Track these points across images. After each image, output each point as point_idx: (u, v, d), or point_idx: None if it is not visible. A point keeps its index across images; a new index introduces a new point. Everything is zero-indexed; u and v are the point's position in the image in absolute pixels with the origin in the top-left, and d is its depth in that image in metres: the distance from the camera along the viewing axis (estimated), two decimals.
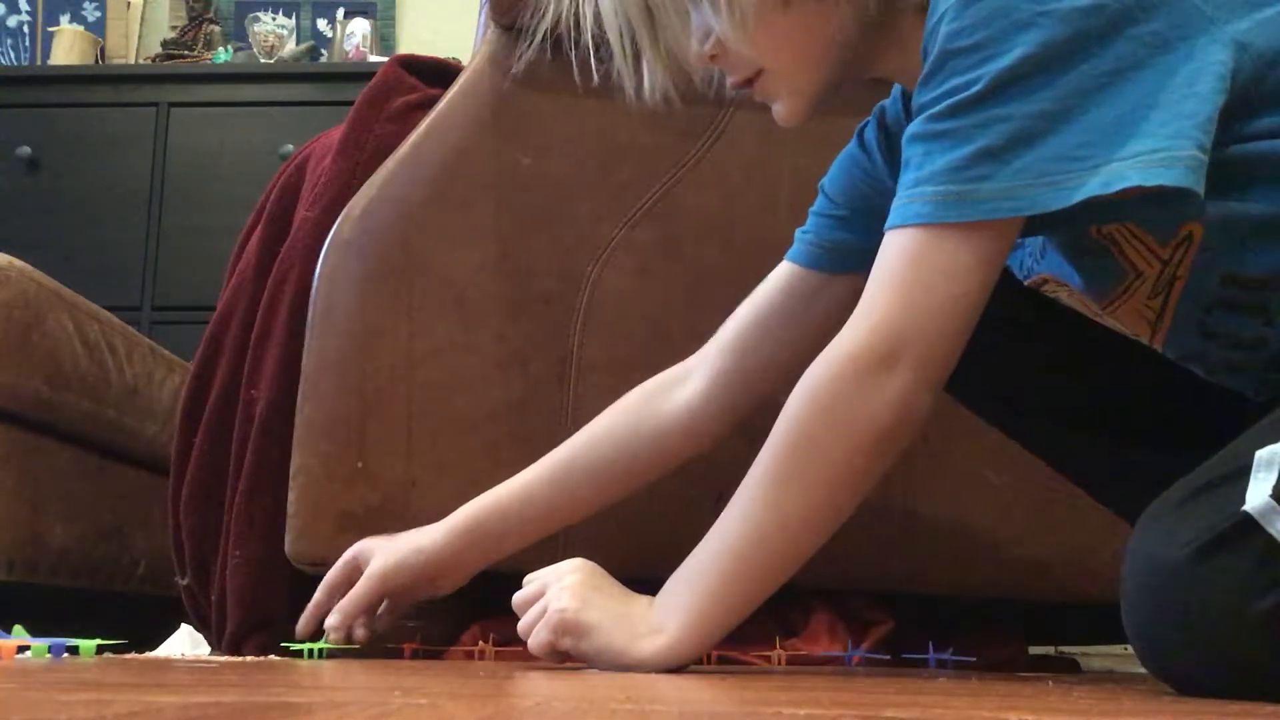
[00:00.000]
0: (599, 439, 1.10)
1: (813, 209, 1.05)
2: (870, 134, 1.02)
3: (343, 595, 1.09)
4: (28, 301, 1.58)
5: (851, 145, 1.04)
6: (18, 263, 1.60)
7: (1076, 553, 1.24)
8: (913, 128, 0.80)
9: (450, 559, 1.09)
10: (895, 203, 0.80)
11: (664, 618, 0.87)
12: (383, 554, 1.09)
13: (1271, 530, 0.68)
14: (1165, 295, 0.85)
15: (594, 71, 1.04)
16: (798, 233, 1.06)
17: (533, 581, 0.92)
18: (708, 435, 1.09)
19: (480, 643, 1.18)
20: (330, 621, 1.07)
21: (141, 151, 2.82)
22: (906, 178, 0.80)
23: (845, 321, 0.83)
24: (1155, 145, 0.73)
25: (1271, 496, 0.68)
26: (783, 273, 1.06)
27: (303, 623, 1.11)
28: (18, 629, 0.91)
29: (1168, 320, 0.87)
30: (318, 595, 1.11)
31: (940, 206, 0.77)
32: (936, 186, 0.77)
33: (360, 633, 1.08)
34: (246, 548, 1.26)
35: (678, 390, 1.09)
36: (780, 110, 0.92)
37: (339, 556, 1.20)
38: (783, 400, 0.85)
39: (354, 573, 1.10)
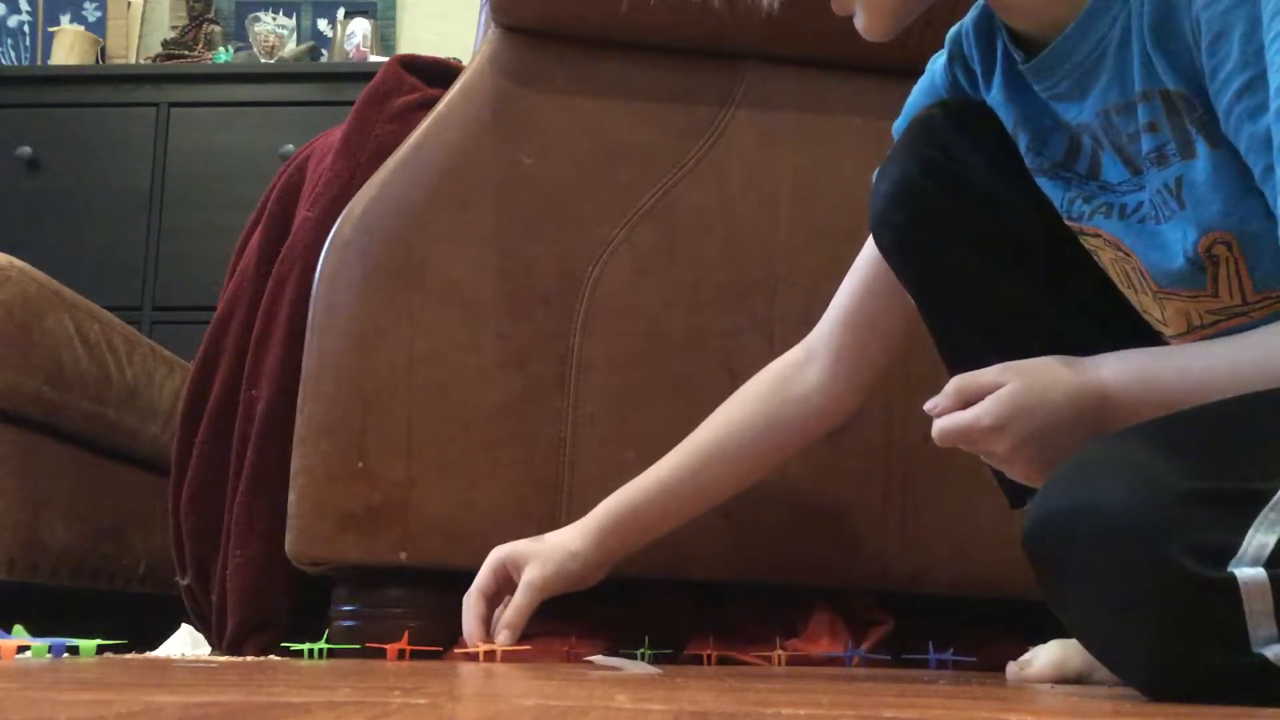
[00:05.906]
0: (738, 426, 1.11)
1: None
2: (942, 65, 0.98)
3: (493, 599, 1.11)
4: (28, 301, 1.58)
5: (921, 82, 1.00)
6: (18, 263, 1.60)
7: None
8: (1242, 106, 0.72)
9: (603, 557, 1.12)
10: None
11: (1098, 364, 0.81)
12: (539, 561, 1.10)
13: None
14: (1223, 320, 0.83)
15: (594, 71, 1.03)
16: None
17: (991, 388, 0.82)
18: (840, 412, 1.11)
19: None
20: (502, 639, 1.08)
21: (141, 151, 2.82)
22: None
23: None
24: None
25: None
26: None
27: (475, 632, 1.10)
28: (18, 629, 0.91)
29: (1208, 334, 0.84)
30: (477, 606, 1.10)
31: None
32: None
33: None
34: (247, 548, 1.26)
35: (806, 371, 1.10)
36: (860, 22, 0.87)
37: (339, 556, 1.20)
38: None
39: (503, 578, 1.11)
